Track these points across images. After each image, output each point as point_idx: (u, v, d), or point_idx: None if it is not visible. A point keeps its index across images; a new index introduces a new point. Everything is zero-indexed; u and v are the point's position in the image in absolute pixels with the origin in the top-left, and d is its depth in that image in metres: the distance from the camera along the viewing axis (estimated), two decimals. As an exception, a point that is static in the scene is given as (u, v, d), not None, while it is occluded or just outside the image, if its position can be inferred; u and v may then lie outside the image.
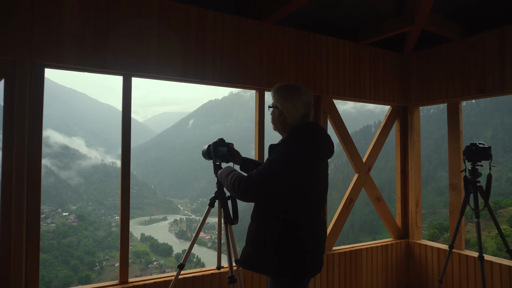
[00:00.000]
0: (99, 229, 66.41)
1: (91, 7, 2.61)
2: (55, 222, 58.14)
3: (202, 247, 64.88)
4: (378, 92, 4.09)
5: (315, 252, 1.98)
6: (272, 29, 3.39)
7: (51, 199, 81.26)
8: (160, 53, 2.86)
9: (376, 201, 4.19)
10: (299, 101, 1.99)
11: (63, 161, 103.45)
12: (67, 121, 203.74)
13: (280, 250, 1.90)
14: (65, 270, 46.42)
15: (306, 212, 1.95)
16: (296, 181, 1.87)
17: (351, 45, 3.89)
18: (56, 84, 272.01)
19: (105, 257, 55.99)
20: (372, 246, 3.99)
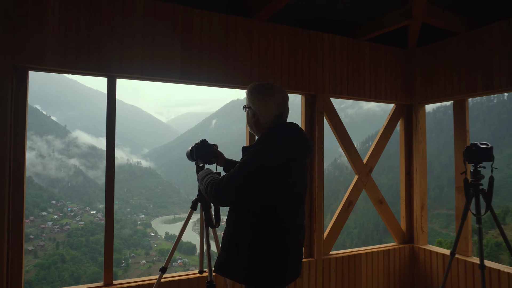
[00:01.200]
0: (125, 227, 68.16)
1: (73, 8, 2.61)
2: (83, 220, 60.13)
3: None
4: (380, 89, 3.92)
5: (290, 259, 1.86)
6: (263, 26, 3.30)
7: (79, 198, 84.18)
8: (144, 54, 2.83)
9: (378, 203, 4.02)
10: (272, 101, 1.90)
11: (91, 160, 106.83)
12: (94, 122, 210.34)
13: (253, 256, 1.81)
14: (93, 267, 47.85)
15: (280, 217, 1.84)
16: (267, 183, 1.76)
17: (349, 41, 3.74)
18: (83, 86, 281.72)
19: (131, 255, 57.33)
20: (372, 250, 3.83)
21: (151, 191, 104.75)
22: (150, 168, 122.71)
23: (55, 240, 51.45)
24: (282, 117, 1.94)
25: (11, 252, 2.49)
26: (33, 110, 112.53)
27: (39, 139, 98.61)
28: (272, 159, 1.76)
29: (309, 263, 3.45)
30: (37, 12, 2.51)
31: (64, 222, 57.02)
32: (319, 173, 3.53)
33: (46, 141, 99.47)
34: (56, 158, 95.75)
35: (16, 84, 2.53)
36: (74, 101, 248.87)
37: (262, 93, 1.94)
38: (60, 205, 62.69)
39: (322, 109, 3.57)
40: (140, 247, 61.55)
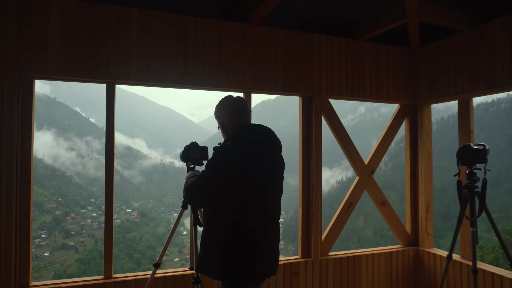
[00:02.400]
0: (159, 226, 70.16)
1: (73, 20, 2.81)
2: (120, 218, 62.52)
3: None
4: (381, 90, 3.87)
5: (260, 255, 1.93)
6: (257, 30, 3.37)
7: (116, 196, 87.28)
8: (140, 61, 2.99)
9: (381, 205, 3.96)
10: (226, 103, 2.11)
11: (127, 160, 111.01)
12: (129, 124, 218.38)
13: (224, 253, 1.90)
14: (129, 263, 49.59)
15: (248, 214, 1.92)
16: (234, 171, 1.86)
17: (348, 41, 3.73)
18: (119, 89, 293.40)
19: (165, 252, 58.77)
20: (373, 252, 3.79)
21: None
22: (183, 168, 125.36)
23: (94, 237, 53.69)
24: (239, 115, 2.09)
25: (19, 246, 2.73)
26: (73, 112, 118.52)
27: (79, 140, 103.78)
28: (231, 148, 1.90)
29: (306, 263, 3.48)
30: (40, 25, 2.73)
31: (102, 220, 59.30)
32: (316, 175, 3.55)
33: (86, 142, 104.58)
34: (95, 158, 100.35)
35: (22, 91, 2.76)
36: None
37: (219, 103, 2.17)
38: (98, 203, 65.39)
39: (319, 110, 3.59)
40: (174, 245, 63.04)
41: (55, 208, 57.39)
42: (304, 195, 3.60)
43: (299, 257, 3.56)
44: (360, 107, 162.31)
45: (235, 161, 1.87)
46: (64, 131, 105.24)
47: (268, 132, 2.05)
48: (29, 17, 2.71)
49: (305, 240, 3.58)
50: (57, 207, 58.05)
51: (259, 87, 3.37)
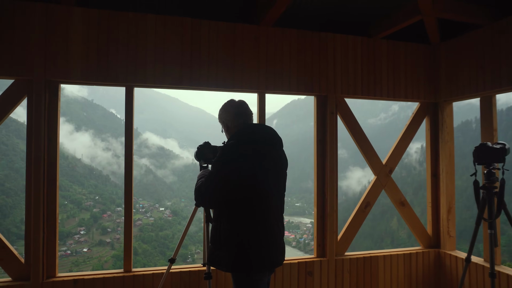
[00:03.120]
0: (192, 224, 71.39)
1: (94, 27, 2.99)
2: (153, 216, 64.28)
3: (287, 246, 65.27)
4: (399, 88, 3.80)
5: (268, 247, 2.02)
6: (270, 31, 3.42)
7: (149, 195, 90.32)
8: (156, 64, 3.12)
9: (400, 206, 3.89)
10: (230, 106, 2.23)
11: (159, 160, 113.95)
12: (162, 125, 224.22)
13: (232, 246, 2.01)
14: (162, 260, 50.83)
15: (255, 208, 2.02)
16: (238, 169, 1.95)
17: (363, 40, 3.69)
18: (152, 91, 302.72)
19: (196, 251, 59.88)
20: (392, 253, 3.72)
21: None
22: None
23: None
24: (242, 115, 2.21)
25: (46, 239, 2.93)
26: (109, 114, 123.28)
27: (114, 140, 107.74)
28: (234, 146, 2.01)
29: (321, 263, 3.49)
30: (64, 33, 2.93)
31: (137, 218, 61.23)
32: (331, 174, 3.54)
33: (121, 143, 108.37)
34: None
35: (49, 95, 2.96)
36: (144, 105, 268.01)
37: (222, 107, 2.29)
38: (133, 201, 67.48)
39: (334, 109, 3.58)
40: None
41: (93, 206, 59.73)
42: (319, 194, 3.61)
43: (314, 257, 3.57)
44: (393, 105, 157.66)
45: (238, 159, 1.97)
46: (101, 132, 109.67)
47: (269, 130, 2.16)
48: (54, 26, 2.91)
49: (320, 239, 3.58)
50: (94, 205, 60.40)
51: (273, 87, 3.42)
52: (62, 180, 63.64)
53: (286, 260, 3.42)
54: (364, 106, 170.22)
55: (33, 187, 2.85)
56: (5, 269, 2.89)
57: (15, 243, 34.41)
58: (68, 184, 64.11)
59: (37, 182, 2.86)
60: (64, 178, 65.52)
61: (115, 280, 3.01)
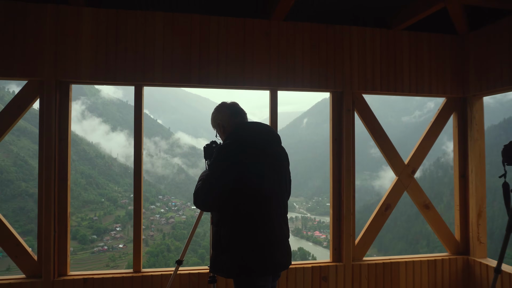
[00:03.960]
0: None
1: (102, 27, 2.99)
2: (185, 214, 65.61)
3: (317, 246, 64.75)
4: (422, 82, 3.54)
5: (270, 250, 1.93)
6: (282, 26, 3.28)
7: (182, 194, 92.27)
8: (164, 63, 3.08)
9: (424, 208, 3.63)
10: (223, 107, 2.20)
11: (191, 159, 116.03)
12: (193, 124, 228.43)
13: (234, 251, 1.94)
14: (194, 258, 51.74)
15: (254, 210, 1.93)
16: (235, 170, 1.89)
17: (382, 32, 3.47)
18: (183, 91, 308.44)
19: (219, 252, 60.34)
20: (414, 260, 3.48)
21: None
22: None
23: (162, 231, 56.82)
24: (236, 115, 2.15)
25: (57, 237, 2.96)
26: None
27: (148, 140, 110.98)
28: (231, 146, 1.94)
29: (336, 268, 3.32)
30: (74, 33, 2.94)
31: (169, 216, 62.69)
32: (347, 175, 3.36)
33: (154, 142, 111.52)
34: (162, 157, 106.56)
35: (60, 96, 2.99)
36: (176, 105, 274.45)
37: (215, 109, 2.24)
38: (165, 200, 69.14)
39: (350, 106, 3.39)
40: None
41: (128, 204, 61.62)
42: (335, 196, 3.43)
43: (330, 261, 3.40)
44: (428, 102, 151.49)
45: (235, 160, 1.89)
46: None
47: (265, 127, 2.08)
48: (64, 27, 2.93)
49: (336, 243, 3.41)
50: (129, 202, 62.26)
51: (285, 84, 3.28)
52: (99, 179, 66.41)
53: (299, 264, 3.28)
54: (398, 103, 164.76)
55: (44, 186, 2.89)
56: (19, 266, 2.96)
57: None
58: (105, 182, 66.77)
59: (48, 182, 2.89)
60: (101, 177, 68.28)
61: (124, 280, 3.00)
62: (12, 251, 2.94)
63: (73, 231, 53.92)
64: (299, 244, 67.21)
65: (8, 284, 2.84)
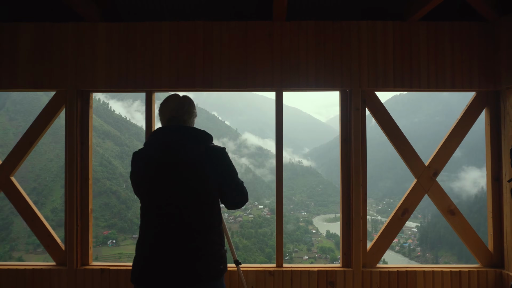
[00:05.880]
0: (289, 223, 72.43)
1: (115, 39, 3.27)
2: (253, 214, 67.03)
3: (389, 250, 61.64)
4: (443, 76, 3.23)
5: (150, 260, 1.85)
6: (285, 26, 3.25)
7: (249, 193, 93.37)
8: (170, 69, 3.26)
9: (449, 214, 3.30)
10: (160, 109, 2.14)
11: (258, 160, 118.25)
12: (260, 125, 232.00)
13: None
14: (261, 257, 52.62)
15: (146, 216, 1.94)
16: (134, 176, 1.99)
17: (395, 25, 3.24)
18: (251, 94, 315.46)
19: (294, 249, 60.44)
20: (434, 269, 3.19)
21: (312, 189, 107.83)
22: (311, 167, 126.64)
23: (231, 230, 58.69)
24: (161, 120, 2.10)
25: (80, 232, 3.30)
26: (211, 117, 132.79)
27: (216, 141, 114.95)
28: (133, 161, 2.03)
29: (345, 273, 3.18)
30: (91, 45, 3.27)
31: (237, 214, 64.53)
32: (356, 176, 3.21)
33: (222, 143, 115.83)
34: (230, 158, 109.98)
35: (81, 104, 3.34)
36: (243, 107, 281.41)
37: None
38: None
39: (359, 105, 3.23)
40: (302, 242, 64.12)
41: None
42: (344, 198, 3.30)
43: (339, 266, 3.28)
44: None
45: (135, 168, 1.99)
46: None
47: (171, 135, 1.96)
48: (83, 42, 3.27)
49: (345, 247, 3.28)
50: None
51: (288, 84, 3.25)
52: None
53: (305, 267, 3.22)
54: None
55: (68, 187, 3.24)
56: (50, 254, 3.36)
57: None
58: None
59: (71, 181, 3.25)
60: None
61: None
62: (45, 241, 3.35)
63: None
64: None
65: (40, 270, 3.24)
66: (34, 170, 56.19)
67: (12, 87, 3.32)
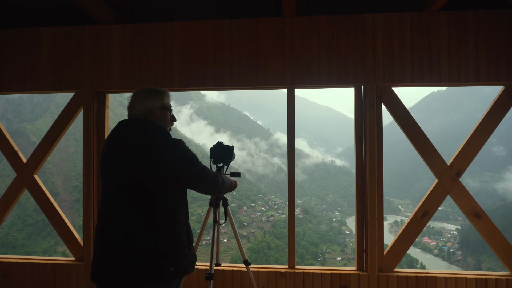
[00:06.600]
0: (321, 223, 71.47)
1: (129, 41, 3.34)
2: (285, 213, 66.65)
3: (427, 253, 59.20)
4: (466, 70, 3.02)
5: (98, 258, 1.87)
6: (296, 21, 3.17)
7: (281, 193, 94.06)
8: (181, 68, 3.28)
9: (474, 217, 3.08)
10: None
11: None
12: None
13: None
14: (293, 257, 52.07)
15: (99, 214, 1.97)
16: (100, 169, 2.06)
17: (413, 16, 3.07)
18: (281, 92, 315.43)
19: (327, 250, 59.54)
20: (457, 276, 2.98)
21: (346, 189, 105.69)
22: (344, 167, 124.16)
23: (263, 229, 58.60)
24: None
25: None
26: (243, 116, 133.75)
27: (248, 141, 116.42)
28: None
29: (359, 277, 3.06)
30: (105, 48, 3.35)
31: (269, 214, 64.42)
32: (371, 176, 3.07)
33: (254, 143, 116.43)
34: (262, 157, 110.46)
35: (97, 104, 3.43)
36: (275, 106, 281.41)
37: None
38: (266, 198, 71.19)
39: (374, 101, 3.09)
40: (336, 243, 63.05)
41: (231, 201, 65.15)
42: (359, 199, 3.17)
43: (354, 269, 3.15)
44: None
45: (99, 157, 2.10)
46: (236, 133, 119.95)
47: (124, 129, 1.94)
48: (98, 44, 3.36)
49: (360, 250, 3.15)
50: (232, 200, 65.92)
51: (300, 81, 3.17)
52: (205, 177, 71.92)
53: (318, 269, 3.13)
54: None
55: (85, 184, 3.35)
56: (70, 250, 3.49)
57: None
58: (210, 180, 72.00)
59: (88, 179, 3.35)
60: (207, 175, 73.81)
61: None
62: (65, 237, 3.48)
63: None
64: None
65: (60, 264, 3.37)
66: (76, 169, 59.04)
67: (35, 89, 3.48)
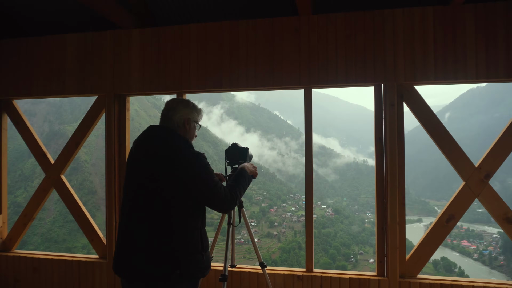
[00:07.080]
0: (353, 224, 70.08)
1: (147, 44, 3.41)
2: (315, 213, 65.96)
3: (466, 257, 56.56)
4: (495, 65, 2.82)
5: (117, 251, 1.96)
6: (312, 20, 3.10)
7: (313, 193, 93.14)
8: (199, 70, 3.30)
9: (506, 223, 2.88)
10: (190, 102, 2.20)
11: (321, 159, 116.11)
12: (323, 124, 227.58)
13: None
14: (324, 257, 51.62)
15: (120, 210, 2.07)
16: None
17: (436, 10, 2.91)
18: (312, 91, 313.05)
19: (359, 251, 58.31)
20: (486, 285, 2.80)
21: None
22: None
23: (293, 229, 58.30)
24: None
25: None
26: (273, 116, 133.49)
27: (279, 140, 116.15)
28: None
29: (379, 283, 2.95)
30: (125, 52, 3.44)
31: (300, 214, 63.96)
32: (392, 178, 2.95)
33: (284, 142, 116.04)
34: (292, 157, 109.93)
35: (118, 107, 3.53)
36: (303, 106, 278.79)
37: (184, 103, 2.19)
38: (296, 198, 70.77)
39: (394, 100, 2.97)
40: (368, 245, 61.62)
41: (261, 201, 65.41)
42: (379, 202, 3.06)
43: (374, 274, 3.04)
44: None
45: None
46: (267, 133, 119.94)
47: (147, 135, 2.01)
48: (119, 48, 3.46)
49: (381, 255, 3.03)
50: (263, 200, 66.03)
51: (317, 81, 3.10)
52: (235, 177, 72.66)
53: (335, 273, 3.05)
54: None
55: (107, 184, 3.45)
56: (94, 248, 3.61)
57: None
58: (240, 180, 72.58)
59: (109, 180, 3.45)
60: (237, 175, 74.48)
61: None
62: (89, 235, 3.61)
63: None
64: (442, 254, 59.81)
65: (85, 261, 3.50)
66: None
67: (61, 93, 3.63)
